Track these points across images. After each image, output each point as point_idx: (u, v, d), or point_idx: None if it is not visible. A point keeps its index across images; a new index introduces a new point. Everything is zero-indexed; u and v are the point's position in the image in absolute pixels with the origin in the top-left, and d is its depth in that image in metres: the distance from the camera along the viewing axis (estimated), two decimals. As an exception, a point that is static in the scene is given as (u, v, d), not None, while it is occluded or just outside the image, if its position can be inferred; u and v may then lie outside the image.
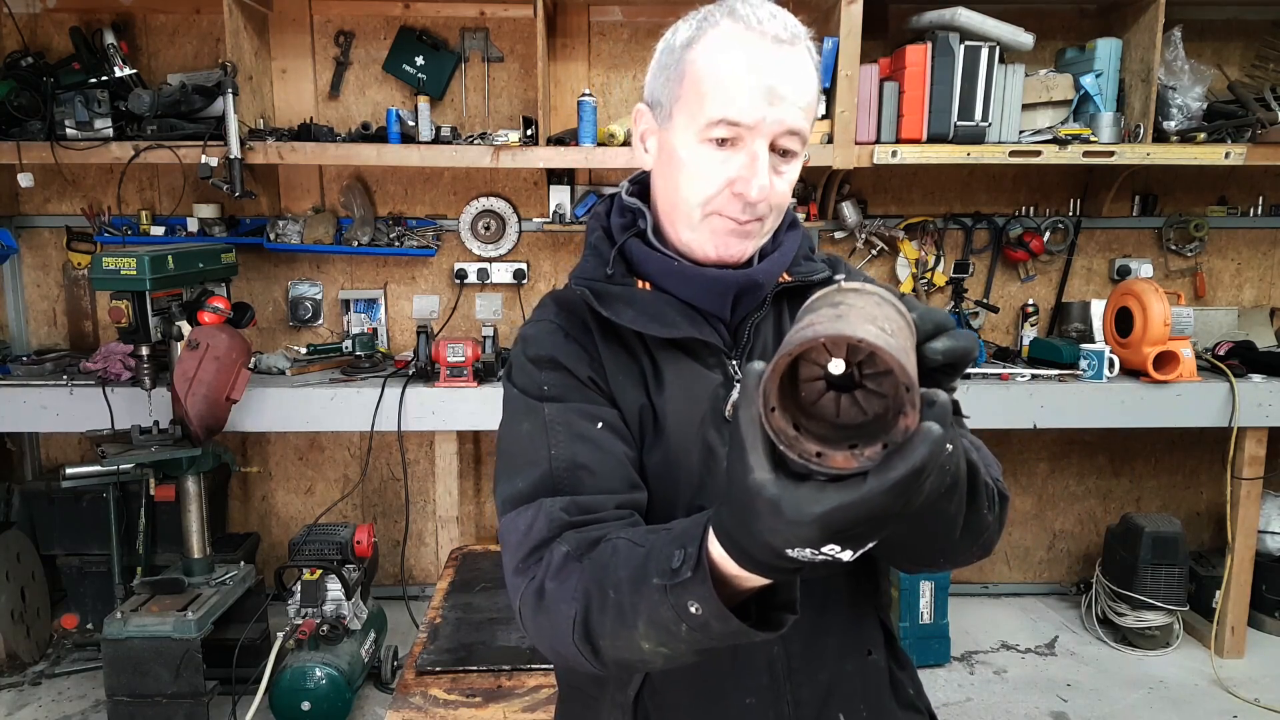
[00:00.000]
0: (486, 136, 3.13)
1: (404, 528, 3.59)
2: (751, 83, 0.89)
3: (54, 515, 3.24)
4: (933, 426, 0.55)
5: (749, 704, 0.97)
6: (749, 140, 0.91)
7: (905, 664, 1.08)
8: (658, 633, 0.74)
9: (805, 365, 0.59)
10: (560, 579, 0.83)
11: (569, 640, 0.81)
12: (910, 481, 0.55)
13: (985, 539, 0.90)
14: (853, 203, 3.42)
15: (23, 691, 2.96)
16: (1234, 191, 3.58)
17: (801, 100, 0.92)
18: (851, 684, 1.00)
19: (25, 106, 3.01)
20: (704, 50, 0.92)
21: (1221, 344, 3.29)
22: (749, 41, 0.90)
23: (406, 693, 1.80)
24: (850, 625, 1.01)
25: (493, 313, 3.53)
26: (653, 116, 1.00)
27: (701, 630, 0.71)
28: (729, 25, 0.92)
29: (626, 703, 0.99)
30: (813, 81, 0.94)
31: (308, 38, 3.35)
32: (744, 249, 0.98)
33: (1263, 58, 3.41)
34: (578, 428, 0.93)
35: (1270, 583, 3.36)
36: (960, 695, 2.99)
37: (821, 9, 3.17)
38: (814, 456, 0.57)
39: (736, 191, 0.92)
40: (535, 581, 0.85)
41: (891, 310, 0.63)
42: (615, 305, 0.97)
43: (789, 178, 0.96)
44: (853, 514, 0.56)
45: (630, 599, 0.75)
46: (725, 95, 0.90)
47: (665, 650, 0.76)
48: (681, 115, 0.94)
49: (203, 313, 2.73)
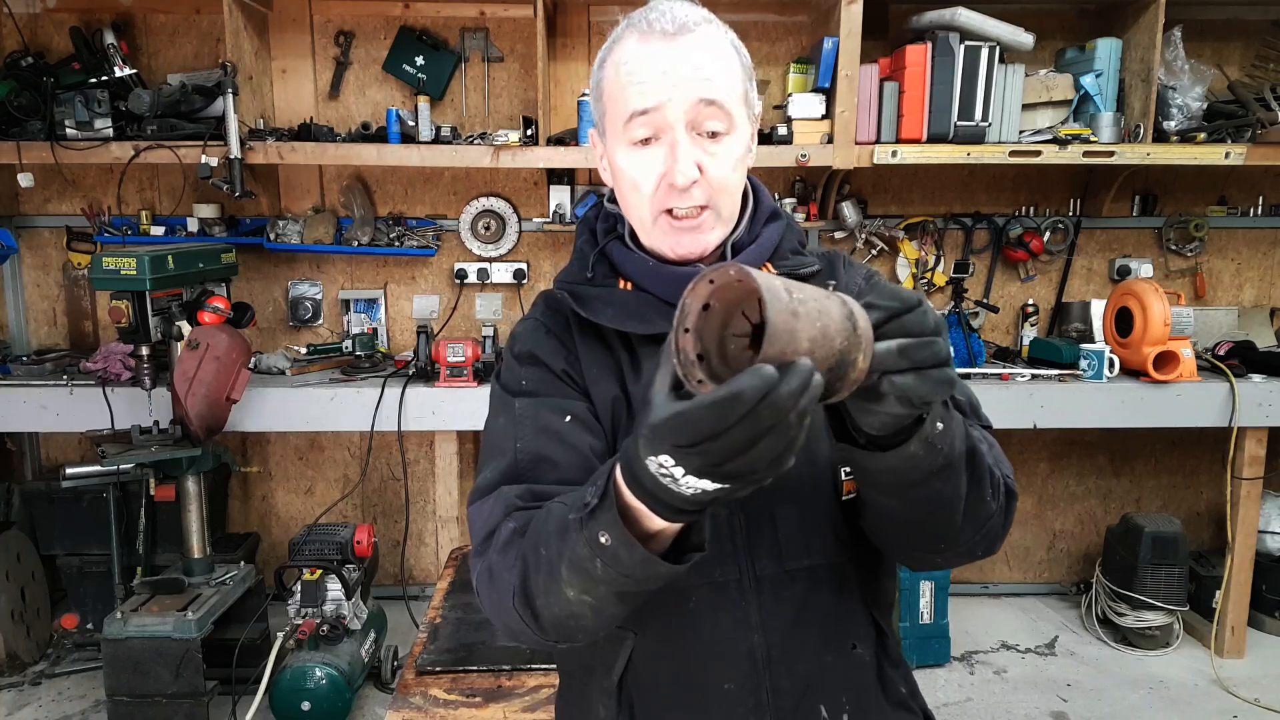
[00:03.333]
0: (486, 136, 3.13)
1: (404, 528, 3.59)
2: (647, 72, 0.94)
3: (54, 515, 3.24)
4: (764, 367, 0.60)
5: (728, 689, 0.99)
6: (667, 131, 0.95)
7: (899, 663, 1.08)
8: (579, 576, 0.78)
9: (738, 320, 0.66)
10: (504, 552, 0.88)
11: (511, 608, 0.86)
12: (724, 405, 0.60)
13: (989, 529, 0.91)
14: (853, 203, 3.42)
15: (23, 691, 2.96)
16: (1234, 191, 3.58)
17: (706, 74, 0.95)
18: (833, 677, 1.01)
19: (25, 106, 3.01)
20: (610, 64, 0.99)
21: (1221, 344, 3.29)
22: (643, 41, 0.96)
23: (406, 693, 1.80)
24: (834, 619, 1.01)
25: (493, 313, 3.53)
26: (598, 138, 1.06)
27: (613, 563, 0.74)
28: (626, 34, 0.98)
29: (611, 687, 1.02)
30: (721, 57, 0.96)
31: (308, 38, 3.35)
32: (700, 242, 0.99)
33: (1263, 58, 3.41)
34: (544, 421, 0.98)
35: (1270, 583, 3.36)
36: (960, 695, 2.99)
37: (821, 9, 3.18)
38: (695, 382, 0.64)
39: (668, 184, 0.96)
40: (485, 560, 0.91)
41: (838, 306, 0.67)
42: (594, 305, 1.03)
43: (725, 159, 0.97)
44: (682, 424, 0.61)
45: (556, 548, 0.79)
46: (630, 92, 0.95)
47: (589, 599, 0.79)
48: (610, 129, 1.00)
49: (203, 313, 2.73)
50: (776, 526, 0.99)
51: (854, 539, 1.01)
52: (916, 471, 0.79)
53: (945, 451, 0.79)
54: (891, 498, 0.86)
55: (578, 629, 0.85)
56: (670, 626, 1.00)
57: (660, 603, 0.99)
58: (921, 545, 0.94)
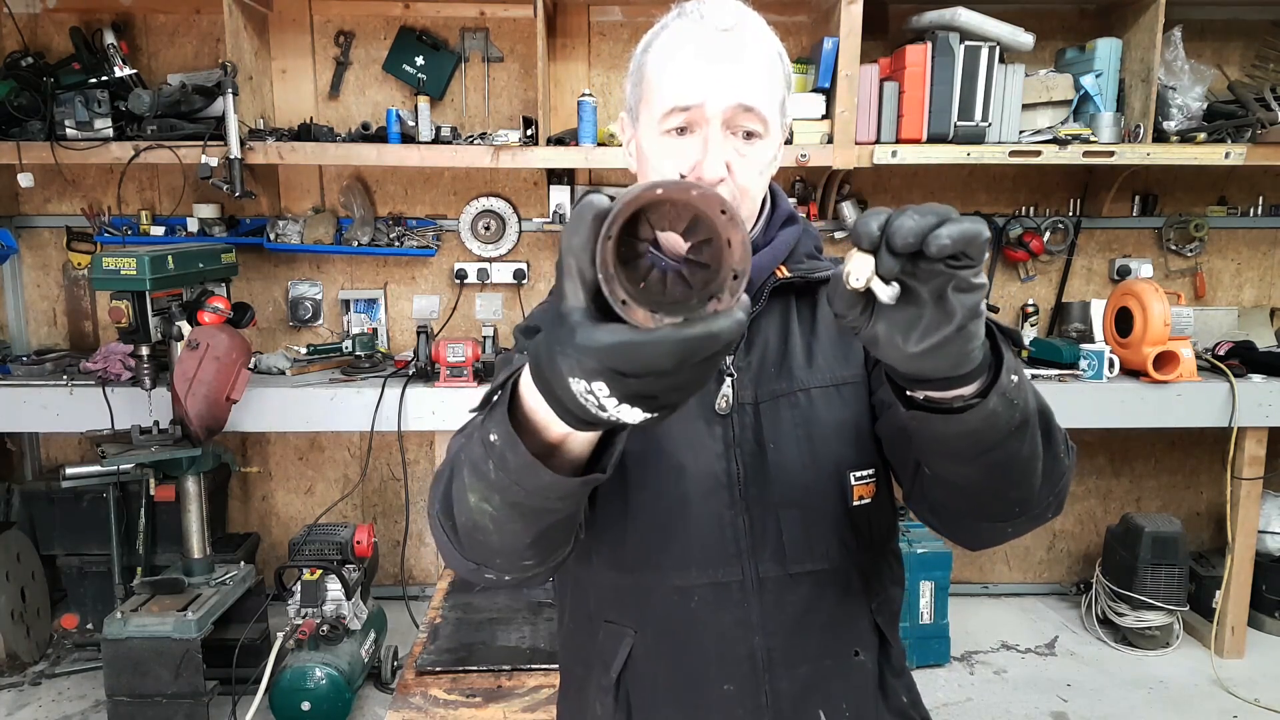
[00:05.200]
0: (486, 136, 3.13)
1: (404, 528, 3.59)
2: (695, 67, 0.94)
3: (54, 515, 3.24)
4: (738, 312, 0.56)
5: (727, 690, 0.99)
6: (702, 126, 0.94)
7: (901, 672, 1.07)
8: (477, 479, 0.73)
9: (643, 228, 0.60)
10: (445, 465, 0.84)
11: (436, 517, 0.82)
12: (697, 343, 0.55)
13: (1062, 487, 0.87)
14: (853, 203, 3.42)
15: (23, 691, 2.96)
16: (1234, 191, 3.57)
17: (751, 77, 0.95)
18: (833, 682, 1.01)
19: (25, 106, 3.01)
20: (656, 50, 0.99)
21: (1221, 344, 3.29)
22: (694, 33, 0.96)
23: (406, 693, 1.80)
24: (837, 625, 1.01)
25: (493, 313, 3.53)
26: (629, 121, 1.06)
27: (500, 465, 0.69)
28: (676, 24, 0.98)
29: (609, 684, 1.01)
30: (765, 61, 0.97)
31: (308, 38, 3.35)
32: None
33: (1263, 58, 3.41)
34: None
35: (1270, 583, 3.36)
36: (960, 695, 2.99)
37: (821, 9, 3.17)
38: (620, 303, 0.57)
39: (695, 176, 0.94)
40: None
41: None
42: None
43: (754, 161, 0.97)
44: (633, 354, 0.56)
45: (465, 450, 0.75)
46: (673, 84, 0.95)
47: (489, 508, 0.74)
48: (644, 114, 1.00)
49: (203, 313, 2.72)
50: (781, 529, 0.98)
51: (860, 545, 1.01)
52: (996, 431, 0.75)
53: (1021, 407, 0.76)
54: (969, 465, 0.81)
55: (485, 545, 0.79)
56: (671, 625, 1.00)
57: (661, 601, 0.99)
58: (998, 514, 0.88)
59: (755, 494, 0.99)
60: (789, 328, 1.03)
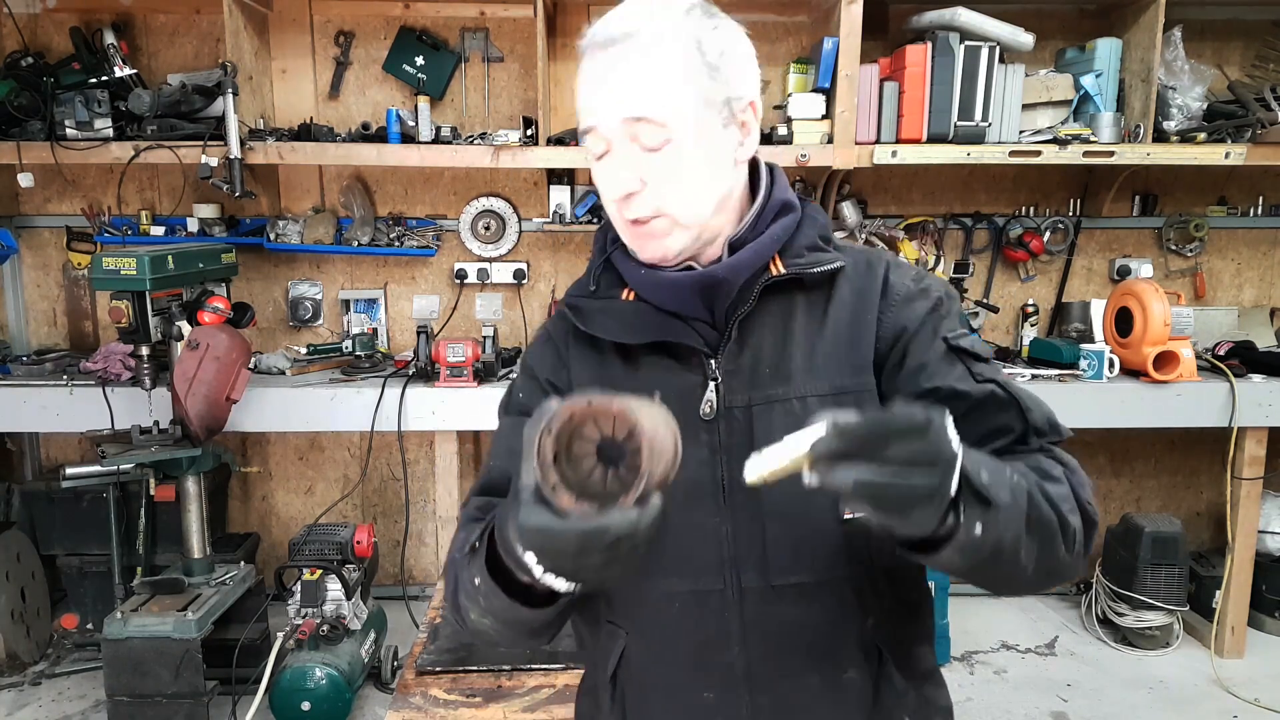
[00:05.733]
0: (486, 136, 3.13)
1: (404, 528, 3.59)
2: (585, 90, 0.96)
3: (54, 515, 3.24)
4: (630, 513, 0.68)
5: (708, 698, 0.99)
6: (610, 145, 0.95)
7: (904, 691, 1.00)
8: (471, 603, 0.89)
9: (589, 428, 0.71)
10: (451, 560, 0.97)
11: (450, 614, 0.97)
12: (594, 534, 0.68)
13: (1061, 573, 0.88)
14: (853, 203, 3.42)
15: (23, 691, 2.96)
16: (1234, 191, 3.58)
17: (637, 86, 0.92)
18: (817, 699, 0.97)
19: (25, 106, 3.01)
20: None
21: (1221, 344, 3.29)
22: (589, 56, 0.96)
23: (406, 693, 1.80)
24: (823, 641, 0.97)
25: (493, 313, 3.53)
26: None
27: (487, 603, 0.86)
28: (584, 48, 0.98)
29: (606, 679, 1.04)
30: (662, 61, 0.91)
31: (308, 38, 3.35)
32: (661, 248, 0.96)
33: (1263, 58, 3.41)
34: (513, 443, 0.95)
35: (1270, 583, 3.36)
36: (960, 695, 2.99)
37: (821, 9, 3.17)
38: (550, 488, 0.69)
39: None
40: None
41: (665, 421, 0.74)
42: (595, 319, 1.02)
43: (670, 168, 0.92)
44: (546, 539, 0.71)
45: (457, 575, 0.93)
46: (579, 112, 0.98)
47: (488, 622, 0.90)
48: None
49: (203, 313, 2.72)
50: (765, 540, 0.95)
51: (854, 560, 0.96)
52: (964, 566, 0.80)
53: (993, 544, 0.77)
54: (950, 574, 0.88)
55: (495, 641, 0.95)
56: (657, 630, 0.99)
57: (649, 604, 1.00)
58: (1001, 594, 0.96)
59: (741, 501, 0.95)
60: (789, 328, 0.98)
